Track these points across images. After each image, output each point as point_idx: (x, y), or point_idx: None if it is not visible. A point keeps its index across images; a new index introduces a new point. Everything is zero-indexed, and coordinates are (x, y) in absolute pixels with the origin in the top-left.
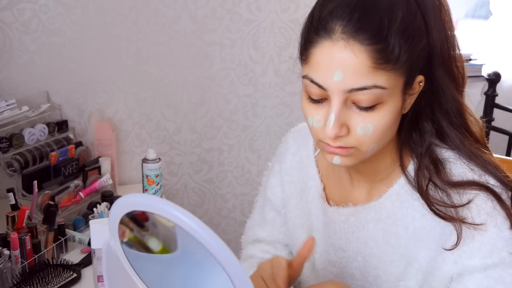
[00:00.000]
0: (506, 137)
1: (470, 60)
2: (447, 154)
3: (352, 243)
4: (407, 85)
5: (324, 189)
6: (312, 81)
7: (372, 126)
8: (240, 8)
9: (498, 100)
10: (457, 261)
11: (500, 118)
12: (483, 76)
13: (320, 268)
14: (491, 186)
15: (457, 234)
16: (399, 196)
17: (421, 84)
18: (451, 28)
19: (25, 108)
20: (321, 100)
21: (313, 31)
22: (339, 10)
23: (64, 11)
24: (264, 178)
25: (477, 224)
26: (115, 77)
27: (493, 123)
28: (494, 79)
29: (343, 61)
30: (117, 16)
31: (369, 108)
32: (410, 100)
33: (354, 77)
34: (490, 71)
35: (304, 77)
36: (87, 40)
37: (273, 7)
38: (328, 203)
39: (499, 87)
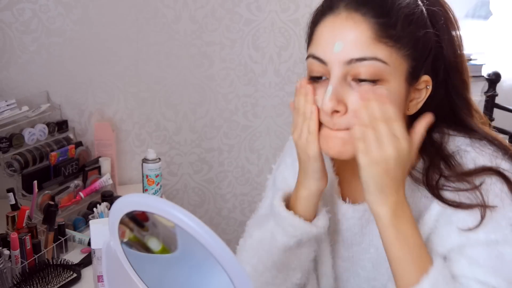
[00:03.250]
0: (506, 137)
1: (470, 60)
2: (459, 142)
3: (365, 236)
4: (412, 76)
5: (338, 183)
6: (314, 57)
7: None
8: (240, 8)
9: (498, 100)
10: (461, 233)
11: (500, 118)
12: (483, 76)
13: (331, 265)
14: (501, 170)
15: (481, 216)
16: (412, 186)
17: (428, 87)
18: (459, 31)
19: (25, 108)
20: (322, 78)
21: (320, 13)
22: None
23: (64, 11)
24: (269, 181)
25: (487, 206)
26: (115, 77)
27: (493, 123)
28: (494, 79)
29: (344, 31)
30: (117, 16)
31: (369, 84)
32: (416, 103)
33: (354, 47)
34: (490, 71)
35: (308, 57)
36: (87, 40)
37: (273, 7)
38: (343, 198)
39: (499, 87)
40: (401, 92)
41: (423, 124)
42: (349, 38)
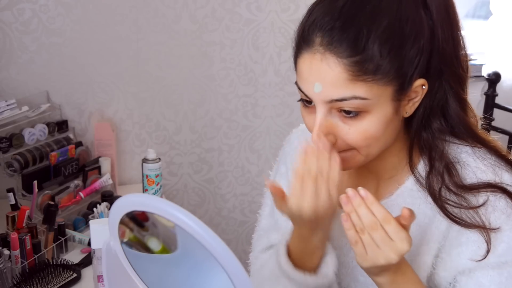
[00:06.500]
0: (506, 137)
1: (470, 60)
2: (459, 150)
3: None
4: (401, 92)
5: None
6: (300, 89)
7: (359, 135)
8: (240, 8)
9: (498, 100)
10: (472, 258)
11: (500, 118)
12: (483, 76)
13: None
14: (505, 186)
15: (487, 242)
16: (412, 193)
17: (424, 87)
18: (458, 28)
19: (25, 108)
20: (312, 103)
21: (298, 42)
22: (319, 20)
23: (64, 11)
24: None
25: (492, 229)
26: (115, 77)
27: (493, 123)
28: (494, 79)
29: (321, 73)
30: (117, 16)
31: (353, 116)
32: (413, 104)
33: (332, 89)
34: (490, 71)
35: (296, 83)
36: (87, 40)
37: (273, 7)
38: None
39: (499, 87)
40: (388, 112)
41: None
42: (326, 80)
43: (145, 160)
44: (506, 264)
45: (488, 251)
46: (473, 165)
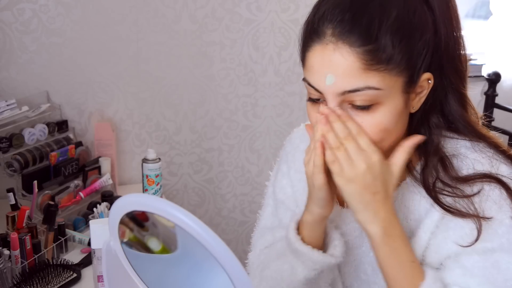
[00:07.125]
0: (506, 137)
1: (470, 60)
2: (458, 145)
3: (365, 238)
4: (410, 84)
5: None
6: (309, 84)
7: (373, 127)
8: (240, 8)
9: (498, 100)
10: (458, 242)
11: (500, 118)
12: (483, 76)
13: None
14: (500, 177)
15: (477, 230)
16: (410, 188)
17: (430, 81)
18: (458, 26)
19: (25, 108)
20: (320, 100)
21: (307, 36)
22: (329, 12)
23: (64, 11)
24: (268, 188)
25: (484, 218)
26: (115, 77)
27: (493, 123)
28: (494, 79)
29: (333, 64)
30: (117, 16)
31: (365, 109)
32: (419, 99)
33: (345, 79)
34: (490, 71)
35: (303, 79)
36: (87, 40)
37: (273, 7)
38: (341, 203)
39: (499, 87)
40: (399, 104)
41: (410, 143)
42: (339, 71)
43: (145, 160)
44: (493, 252)
45: (477, 239)
46: (471, 157)
